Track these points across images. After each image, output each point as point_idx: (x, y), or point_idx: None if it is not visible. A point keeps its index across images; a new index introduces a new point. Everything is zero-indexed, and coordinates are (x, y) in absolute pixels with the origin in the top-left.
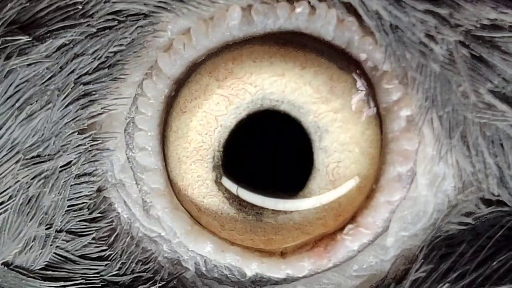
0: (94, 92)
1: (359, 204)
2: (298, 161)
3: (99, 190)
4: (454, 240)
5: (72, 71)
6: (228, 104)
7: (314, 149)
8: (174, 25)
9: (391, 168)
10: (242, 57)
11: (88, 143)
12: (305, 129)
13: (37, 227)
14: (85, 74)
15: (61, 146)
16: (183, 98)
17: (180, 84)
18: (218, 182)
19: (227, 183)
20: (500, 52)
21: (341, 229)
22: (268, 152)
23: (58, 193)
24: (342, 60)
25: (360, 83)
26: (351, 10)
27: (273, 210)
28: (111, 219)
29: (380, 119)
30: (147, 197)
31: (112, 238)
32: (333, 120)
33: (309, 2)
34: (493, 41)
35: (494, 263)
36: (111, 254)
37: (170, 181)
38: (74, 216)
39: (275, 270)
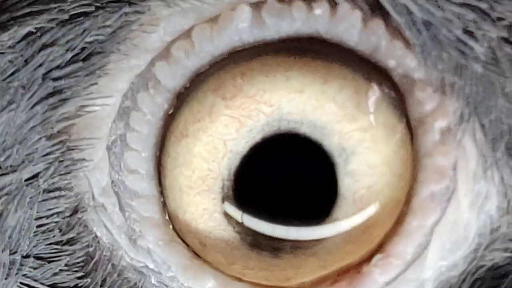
0: (65, 90)
1: (388, 230)
2: (319, 188)
3: (74, 210)
4: (500, 270)
5: (40, 65)
6: (239, 127)
7: (338, 174)
8: (168, 23)
9: (424, 187)
10: (252, 71)
11: (58, 152)
12: (327, 152)
13: (0, 252)
14: (55, 68)
15: (26, 155)
16: (183, 120)
17: (181, 98)
18: (228, 215)
19: (230, 209)
20: None
21: (368, 259)
22: (282, 179)
23: (24, 211)
24: (368, 70)
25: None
26: (376, 10)
27: (292, 245)
28: (86, 243)
29: (411, 133)
30: (135, 226)
31: (90, 265)
32: (361, 140)
33: (329, 1)
34: None
35: None
36: (89, 283)
37: (165, 209)
38: (43, 239)
39: None
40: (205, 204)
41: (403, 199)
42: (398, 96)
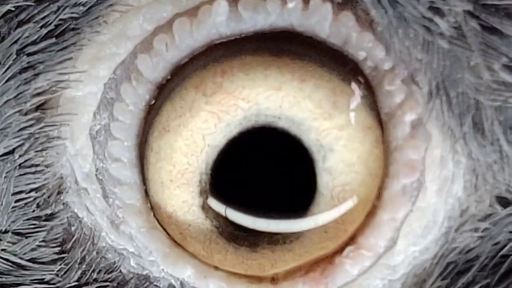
0: (39, 64)
1: (361, 223)
2: (300, 184)
3: (55, 189)
4: (472, 252)
5: (15, 41)
6: (217, 122)
7: (317, 170)
8: (148, 10)
9: (395, 181)
10: (232, 69)
11: (33, 128)
12: (306, 148)
13: None
14: (30, 44)
15: (1, 129)
16: (166, 115)
17: (163, 90)
18: (205, 209)
19: (214, 204)
20: None
21: (340, 251)
22: (266, 175)
23: (1, 186)
24: (345, 71)
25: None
26: (347, 2)
27: (268, 240)
28: (66, 220)
29: (381, 127)
30: (118, 212)
31: (70, 243)
32: (337, 138)
33: None
34: (507, 8)
35: None
36: (69, 261)
37: (148, 198)
38: (21, 214)
39: None
40: (184, 197)
41: (375, 193)
42: (370, 92)
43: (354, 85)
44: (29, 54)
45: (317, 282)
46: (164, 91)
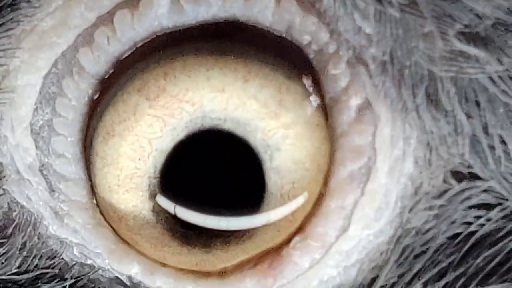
0: None
1: (308, 213)
2: (250, 184)
3: None
4: (427, 234)
5: None
6: (163, 126)
7: (265, 170)
8: None
9: (341, 168)
10: (174, 71)
11: None
12: (253, 148)
13: None
14: None
15: None
16: (109, 120)
17: (106, 84)
18: (156, 212)
19: (162, 201)
20: None
21: (288, 242)
22: (215, 176)
23: None
24: (290, 68)
25: (313, 95)
26: None
27: (222, 240)
28: (7, 205)
29: (326, 113)
30: (63, 205)
31: (10, 229)
32: (284, 137)
33: None
34: None
35: (478, 259)
36: (10, 247)
37: (94, 194)
38: None
39: None
40: (133, 201)
41: (322, 181)
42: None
43: (299, 82)
44: None
45: (265, 274)
46: (107, 89)
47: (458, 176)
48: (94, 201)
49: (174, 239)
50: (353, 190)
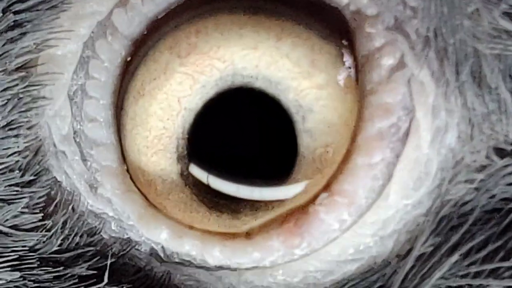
0: (26, 23)
1: (335, 170)
2: (282, 147)
3: (34, 152)
4: (466, 206)
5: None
6: (192, 83)
7: (297, 132)
8: None
9: (369, 124)
10: (207, 29)
11: (17, 88)
12: (285, 108)
13: None
14: (17, 1)
15: None
16: (140, 79)
17: (139, 47)
18: (184, 176)
19: (195, 171)
20: None
21: (314, 199)
22: (245, 138)
23: None
24: (324, 28)
25: (347, 57)
26: None
27: (251, 207)
28: (47, 185)
29: (357, 71)
30: (97, 175)
31: (51, 208)
32: (317, 97)
33: None
34: None
35: None
36: (51, 226)
37: (124, 160)
38: (3, 180)
39: (241, 253)
40: (162, 164)
41: (350, 138)
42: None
43: (333, 43)
44: (16, 13)
45: (292, 232)
46: (140, 51)
47: (501, 152)
48: (125, 167)
49: (202, 204)
50: (382, 148)
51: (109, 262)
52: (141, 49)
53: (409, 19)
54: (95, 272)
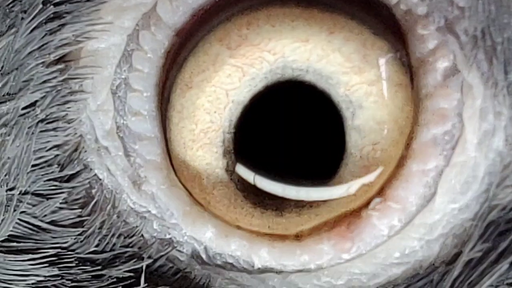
0: (65, 15)
1: (389, 175)
2: (328, 144)
3: (74, 147)
4: None
5: None
6: (241, 76)
7: (346, 128)
8: None
9: (425, 130)
10: (258, 21)
11: (56, 80)
12: (335, 104)
13: None
14: None
15: (23, 81)
16: (189, 70)
17: (186, 37)
18: (230, 171)
19: (242, 170)
20: None
21: (367, 204)
22: (291, 133)
23: (22, 143)
24: (376, 24)
25: (399, 53)
26: None
27: (295, 204)
28: (87, 182)
29: (411, 74)
30: (140, 171)
31: (90, 205)
32: (367, 93)
33: None
34: None
35: None
36: (89, 225)
37: (169, 154)
38: (42, 174)
39: (289, 255)
40: (207, 158)
41: (403, 143)
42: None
43: (385, 39)
44: (56, 4)
45: (343, 236)
46: (189, 43)
47: None
48: (169, 161)
49: (247, 200)
50: (436, 155)
51: (144, 264)
52: (190, 41)
53: (458, 19)
54: (132, 274)
